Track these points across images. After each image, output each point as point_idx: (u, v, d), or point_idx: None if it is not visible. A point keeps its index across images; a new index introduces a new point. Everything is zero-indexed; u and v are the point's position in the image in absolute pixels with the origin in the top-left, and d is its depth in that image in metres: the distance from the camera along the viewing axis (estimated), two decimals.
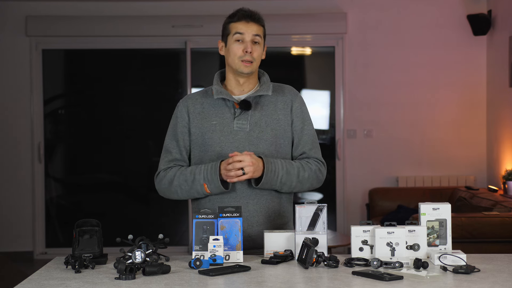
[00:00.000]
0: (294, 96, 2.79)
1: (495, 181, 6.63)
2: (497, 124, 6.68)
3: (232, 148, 2.68)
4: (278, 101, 2.76)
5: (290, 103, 2.77)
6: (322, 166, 2.76)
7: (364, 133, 7.04)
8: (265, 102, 2.74)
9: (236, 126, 2.70)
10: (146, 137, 7.32)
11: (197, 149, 2.74)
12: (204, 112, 2.74)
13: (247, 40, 2.68)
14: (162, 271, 2.29)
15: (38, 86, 7.04)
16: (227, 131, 2.70)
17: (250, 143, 2.69)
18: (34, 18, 6.89)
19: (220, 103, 2.73)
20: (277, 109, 2.74)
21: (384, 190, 6.76)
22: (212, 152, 2.69)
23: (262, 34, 2.72)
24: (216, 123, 2.71)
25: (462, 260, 2.34)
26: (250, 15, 2.70)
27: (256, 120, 2.71)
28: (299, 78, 7.37)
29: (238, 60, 2.68)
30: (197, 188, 2.66)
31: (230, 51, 2.70)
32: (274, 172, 2.63)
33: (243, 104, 2.70)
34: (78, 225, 2.53)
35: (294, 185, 2.69)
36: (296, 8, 7.00)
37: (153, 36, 7.04)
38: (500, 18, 6.62)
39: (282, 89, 2.80)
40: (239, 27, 2.68)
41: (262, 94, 2.73)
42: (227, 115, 2.72)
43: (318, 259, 2.36)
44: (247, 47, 2.67)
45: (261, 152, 2.68)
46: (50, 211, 7.15)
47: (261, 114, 2.72)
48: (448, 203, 2.55)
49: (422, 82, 7.00)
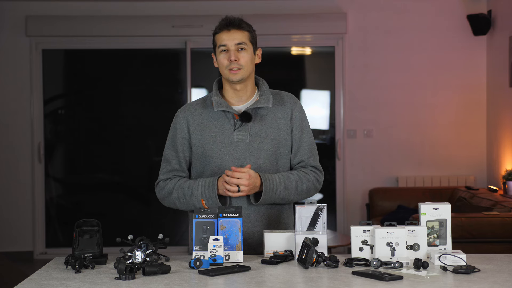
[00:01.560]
0: (294, 105, 2.79)
1: (495, 181, 6.63)
2: (497, 124, 6.68)
3: (233, 159, 2.69)
4: (278, 110, 2.75)
5: (290, 112, 2.76)
6: (320, 175, 2.78)
7: (364, 133, 7.04)
8: (265, 112, 2.74)
9: (237, 138, 2.70)
10: (146, 137, 7.32)
11: (198, 161, 2.74)
12: (204, 123, 2.74)
13: (231, 49, 2.67)
14: (162, 271, 2.29)
15: (38, 86, 7.04)
16: (228, 142, 2.70)
17: (251, 154, 2.70)
18: (34, 18, 6.89)
19: (220, 114, 2.73)
20: (277, 119, 2.74)
21: (384, 190, 6.76)
22: (213, 164, 2.70)
23: (248, 39, 2.70)
24: (216, 134, 2.71)
25: (462, 260, 2.34)
26: (230, 23, 2.68)
27: (256, 131, 2.71)
28: (299, 78, 7.37)
29: (226, 69, 2.69)
30: (194, 203, 2.68)
31: (218, 62, 2.72)
32: (273, 190, 2.64)
33: (244, 116, 2.70)
34: (78, 225, 2.53)
35: (292, 198, 2.72)
36: (296, 8, 7.00)
37: (153, 36, 7.03)
38: (500, 18, 6.61)
39: (281, 97, 2.79)
40: (221, 38, 2.68)
41: (263, 106, 2.73)
42: (227, 127, 2.72)
43: (318, 259, 2.36)
44: (230, 56, 2.67)
45: (262, 163, 2.69)
46: (50, 211, 7.15)
47: (261, 124, 2.72)
48: (448, 203, 2.55)
49: (422, 82, 6.99)
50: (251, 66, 2.72)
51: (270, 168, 2.71)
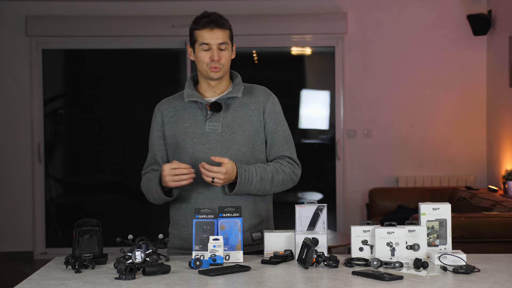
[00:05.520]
0: (267, 97, 2.78)
1: (495, 181, 6.63)
2: (497, 124, 6.68)
3: (205, 150, 2.69)
4: (250, 102, 2.75)
5: (263, 105, 2.76)
6: (296, 167, 2.76)
7: (364, 133, 7.04)
8: (238, 104, 2.74)
9: (208, 128, 2.71)
10: (146, 137, 7.25)
11: (172, 152, 2.77)
12: (177, 115, 2.77)
13: (213, 48, 2.67)
14: (162, 271, 2.29)
15: (38, 86, 7.04)
16: (199, 133, 2.71)
17: (223, 145, 2.70)
18: (34, 18, 6.89)
19: (193, 106, 2.75)
20: (249, 111, 2.74)
21: (384, 190, 6.76)
22: (185, 154, 2.71)
23: (228, 38, 2.70)
24: (189, 125, 2.73)
25: (462, 260, 2.34)
26: (213, 21, 2.67)
27: (228, 122, 2.71)
28: (299, 78, 7.37)
29: (207, 66, 2.69)
30: (153, 195, 2.69)
31: (198, 58, 2.71)
32: (248, 180, 2.63)
33: (214, 106, 2.71)
34: (78, 225, 2.53)
35: (268, 190, 2.70)
36: (296, 8, 7.00)
37: (153, 36, 7.03)
38: (500, 18, 6.61)
39: (254, 90, 2.79)
40: (204, 36, 2.67)
41: (233, 96, 2.73)
42: (200, 118, 2.73)
43: (318, 259, 2.36)
44: (213, 56, 2.67)
45: (233, 154, 2.68)
46: (50, 211, 7.15)
47: (234, 115, 2.72)
48: (448, 203, 2.55)
49: (422, 82, 7.00)
50: (229, 64, 2.74)
51: (243, 159, 2.69)
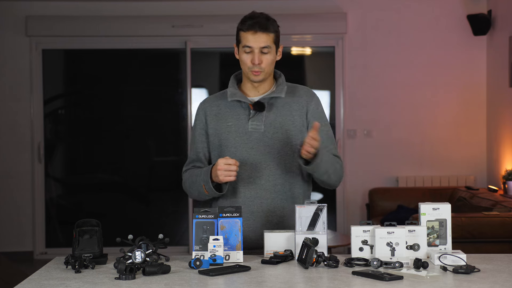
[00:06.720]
0: (310, 98, 2.81)
1: (495, 181, 6.63)
2: (497, 124, 6.68)
3: (247, 149, 2.72)
4: (293, 102, 2.78)
5: (306, 105, 2.79)
6: (342, 164, 2.81)
7: (364, 133, 7.04)
8: (280, 104, 2.77)
9: (251, 127, 2.73)
10: (146, 137, 7.31)
11: (215, 151, 2.78)
12: (220, 113, 2.78)
13: (255, 52, 2.69)
14: (162, 271, 2.29)
15: (38, 86, 7.03)
16: (242, 132, 2.73)
17: (265, 144, 2.72)
18: (34, 18, 6.89)
19: (236, 105, 2.77)
20: (292, 110, 2.77)
21: (384, 190, 6.76)
22: (228, 153, 2.73)
23: (272, 41, 2.73)
24: (232, 124, 2.75)
25: (462, 260, 2.34)
26: (258, 24, 2.69)
27: (270, 121, 2.74)
28: (299, 78, 7.36)
29: (248, 69, 2.71)
30: (199, 190, 2.70)
31: (241, 59, 2.74)
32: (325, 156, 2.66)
33: (257, 106, 2.74)
34: (78, 225, 2.53)
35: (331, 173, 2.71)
36: (296, 8, 7.00)
37: (153, 36, 7.03)
38: (500, 18, 6.61)
39: (297, 90, 2.82)
40: (247, 39, 2.69)
41: (276, 96, 2.75)
42: (242, 116, 2.75)
43: (318, 259, 2.36)
44: (254, 59, 2.68)
45: (275, 153, 2.71)
46: (50, 211, 7.15)
47: (276, 115, 2.75)
48: (448, 203, 2.55)
49: (422, 82, 6.99)
50: (272, 66, 2.76)
51: (285, 159, 2.73)
